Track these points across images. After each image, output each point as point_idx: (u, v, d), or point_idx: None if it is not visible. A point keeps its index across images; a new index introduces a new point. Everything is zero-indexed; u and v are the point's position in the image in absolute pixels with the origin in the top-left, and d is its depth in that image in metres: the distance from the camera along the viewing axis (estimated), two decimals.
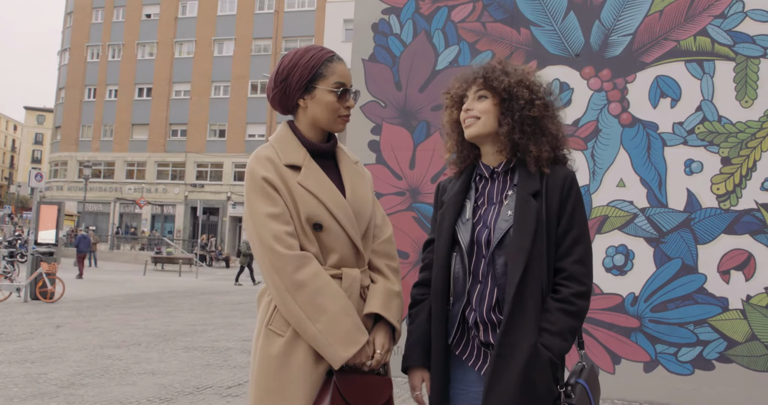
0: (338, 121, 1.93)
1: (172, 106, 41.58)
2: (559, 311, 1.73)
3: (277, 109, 1.99)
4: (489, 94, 1.88)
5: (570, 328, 1.73)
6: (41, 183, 13.62)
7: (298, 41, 39.19)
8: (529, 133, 1.84)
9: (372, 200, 1.98)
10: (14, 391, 4.97)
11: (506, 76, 1.88)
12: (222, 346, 7.39)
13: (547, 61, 4.93)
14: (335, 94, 1.88)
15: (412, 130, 5.22)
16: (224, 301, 13.58)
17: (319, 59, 1.89)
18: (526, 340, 1.71)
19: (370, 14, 5.40)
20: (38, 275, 11.95)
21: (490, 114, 1.88)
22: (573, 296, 1.74)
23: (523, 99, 1.85)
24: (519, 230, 1.77)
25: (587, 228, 1.85)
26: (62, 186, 42.81)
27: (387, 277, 1.96)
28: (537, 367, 1.68)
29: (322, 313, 1.75)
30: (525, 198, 1.80)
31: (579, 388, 1.74)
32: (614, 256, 4.70)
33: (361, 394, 1.77)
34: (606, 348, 4.64)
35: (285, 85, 1.90)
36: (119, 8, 43.66)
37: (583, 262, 1.79)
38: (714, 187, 4.54)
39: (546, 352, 1.70)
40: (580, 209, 1.83)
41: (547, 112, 1.88)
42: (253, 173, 1.84)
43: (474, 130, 1.89)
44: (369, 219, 1.94)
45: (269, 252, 1.77)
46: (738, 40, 4.55)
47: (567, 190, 1.81)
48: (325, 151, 1.95)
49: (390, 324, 1.89)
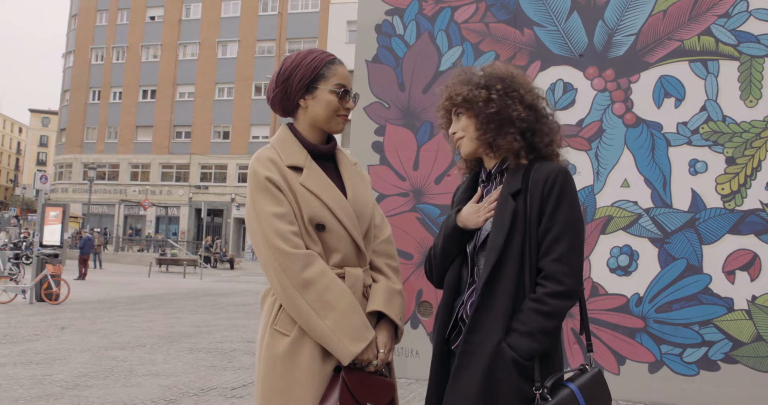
0: (337, 121, 1.96)
1: (176, 108, 41.68)
2: (531, 311, 1.71)
3: (277, 111, 2.01)
4: (461, 109, 1.91)
5: (541, 329, 1.70)
6: (46, 185, 13.67)
7: (301, 43, 39.26)
8: (495, 129, 1.85)
9: (372, 201, 2.01)
10: (19, 392, 4.98)
11: (465, 85, 1.89)
12: (227, 348, 7.39)
13: (550, 61, 4.93)
14: (336, 95, 1.92)
15: (415, 130, 5.22)
16: (229, 302, 13.60)
17: (321, 61, 1.94)
18: (491, 339, 1.71)
19: (373, 15, 5.40)
20: (43, 277, 11.98)
21: (470, 127, 1.90)
22: (547, 296, 1.71)
23: (481, 100, 1.86)
24: (494, 230, 1.78)
25: (574, 226, 1.77)
26: (67, 188, 42.94)
27: (388, 276, 1.99)
28: (500, 366, 1.68)
29: (331, 310, 1.77)
30: (505, 197, 1.81)
31: (564, 392, 1.68)
32: (618, 257, 4.68)
33: (367, 391, 1.79)
34: (610, 349, 4.63)
35: (287, 85, 1.93)
36: (123, 11, 43.80)
37: (563, 260, 1.72)
38: (719, 187, 4.53)
39: (510, 351, 1.68)
40: (565, 206, 1.76)
41: (509, 102, 1.85)
42: (256, 174, 1.86)
43: (464, 149, 1.94)
44: (369, 219, 1.96)
45: (276, 251, 1.79)
46: (742, 40, 4.54)
47: (549, 188, 1.77)
48: (325, 153, 1.98)
49: (392, 323, 1.92)
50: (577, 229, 1.78)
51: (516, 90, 1.87)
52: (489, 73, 1.91)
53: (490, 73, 1.91)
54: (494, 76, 1.89)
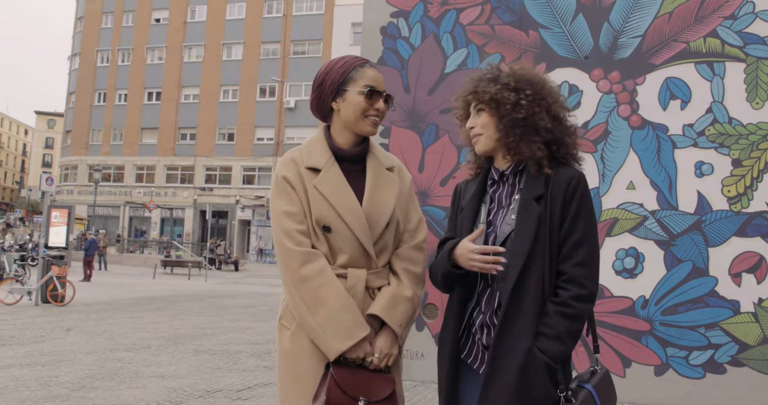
0: (366, 123, 2.00)
1: (182, 110, 41.78)
2: (557, 314, 1.72)
3: (316, 115, 2.08)
4: (483, 106, 1.90)
5: (568, 332, 1.72)
6: (52, 187, 13.70)
7: (306, 45, 39.36)
8: (519, 135, 1.84)
9: (396, 205, 2.02)
10: (26, 393, 5.00)
11: (493, 83, 1.88)
12: (231, 350, 7.40)
13: (555, 63, 4.92)
14: (363, 95, 1.97)
15: (420, 133, 5.22)
16: (233, 304, 13.61)
17: (351, 64, 2.01)
18: (522, 343, 1.71)
19: (378, 17, 5.41)
20: (49, 279, 12.02)
21: (490, 126, 1.89)
22: (572, 299, 1.73)
23: (509, 103, 1.85)
24: (519, 234, 1.78)
25: (593, 230, 1.82)
26: (72, 190, 43.08)
27: (401, 281, 2.00)
28: (532, 371, 1.68)
29: (322, 306, 1.84)
30: (528, 201, 1.80)
31: (584, 394, 1.72)
32: (624, 259, 4.67)
33: (359, 386, 1.83)
34: (616, 351, 4.61)
35: (320, 90, 2.01)
36: (129, 13, 43.95)
37: (585, 264, 1.76)
38: (725, 189, 4.52)
39: (542, 355, 1.69)
40: (585, 211, 1.80)
41: (537, 110, 1.85)
42: (277, 173, 1.99)
43: (480, 146, 1.92)
44: (386, 224, 1.98)
45: (279, 247, 1.90)
46: (748, 41, 4.52)
47: (571, 193, 1.79)
48: (353, 156, 2.02)
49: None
50: (595, 234, 1.82)
51: (544, 98, 1.87)
52: (520, 76, 1.89)
53: (521, 76, 1.89)
54: (525, 79, 1.88)
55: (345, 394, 1.79)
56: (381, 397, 1.84)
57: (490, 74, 1.92)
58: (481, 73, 1.95)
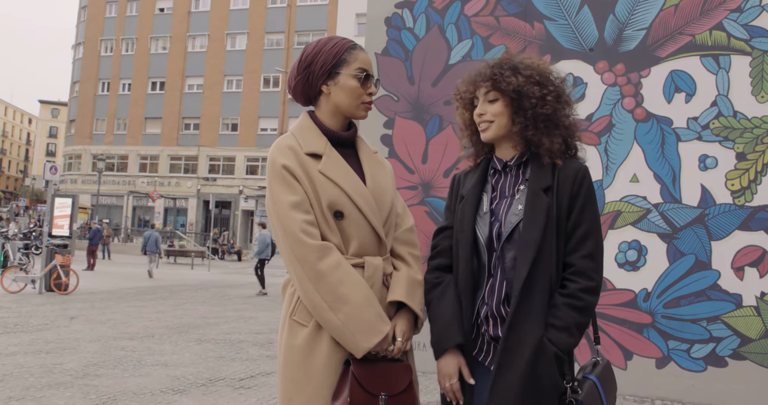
0: (361, 107, 1.94)
1: (185, 100, 41.74)
2: (566, 306, 1.73)
3: (299, 100, 2.00)
4: (499, 95, 1.87)
5: (576, 324, 1.73)
6: (56, 176, 13.74)
7: (310, 35, 39.18)
8: (543, 129, 1.84)
9: (392, 189, 1.99)
10: (30, 380, 5.04)
11: (515, 75, 1.85)
12: (234, 339, 7.44)
13: (560, 55, 4.90)
14: (358, 79, 1.91)
15: (424, 124, 5.22)
16: (237, 294, 13.66)
17: (342, 46, 1.92)
18: (532, 334, 1.71)
19: (383, 8, 5.39)
20: (53, 267, 12.07)
21: (503, 116, 1.87)
22: (580, 291, 1.74)
23: (534, 97, 1.83)
24: (528, 224, 1.77)
25: (599, 223, 1.83)
26: (76, 179, 43.14)
27: (410, 265, 1.97)
28: (542, 362, 1.69)
29: (344, 303, 1.76)
30: (536, 192, 1.80)
31: (588, 384, 1.74)
32: (627, 252, 4.68)
33: (380, 381, 1.78)
34: (618, 344, 4.63)
35: (308, 72, 1.92)
36: (132, 2, 43.85)
37: (593, 257, 1.78)
38: (728, 182, 4.51)
39: (551, 346, 1.70)
40: (592, 204, 1.82)
41: (559, 105, 1.86)
42: (273, 162, 1.86)
43: (490, 134, 1.90)
44: (390, 207, 1.94)
45: (292, 241, 1.78)
46: (754, 35, 4.50)
47: (578, 185, 1.81)
48: (346, 140, 1.97)
49: (413, 312, 1.90)
50: (600, 227, 1.84)
51: (563, 95, 1.88)
52: (541, 71, 1.88)
53: (542, 71, 1.88)
54: (547, 75, 1.88)
55: (366, 392, 1.74)
56: (399, 389, 1.81)
57: (509, 64, 1.89)
58: (495, 60, 1.92)
